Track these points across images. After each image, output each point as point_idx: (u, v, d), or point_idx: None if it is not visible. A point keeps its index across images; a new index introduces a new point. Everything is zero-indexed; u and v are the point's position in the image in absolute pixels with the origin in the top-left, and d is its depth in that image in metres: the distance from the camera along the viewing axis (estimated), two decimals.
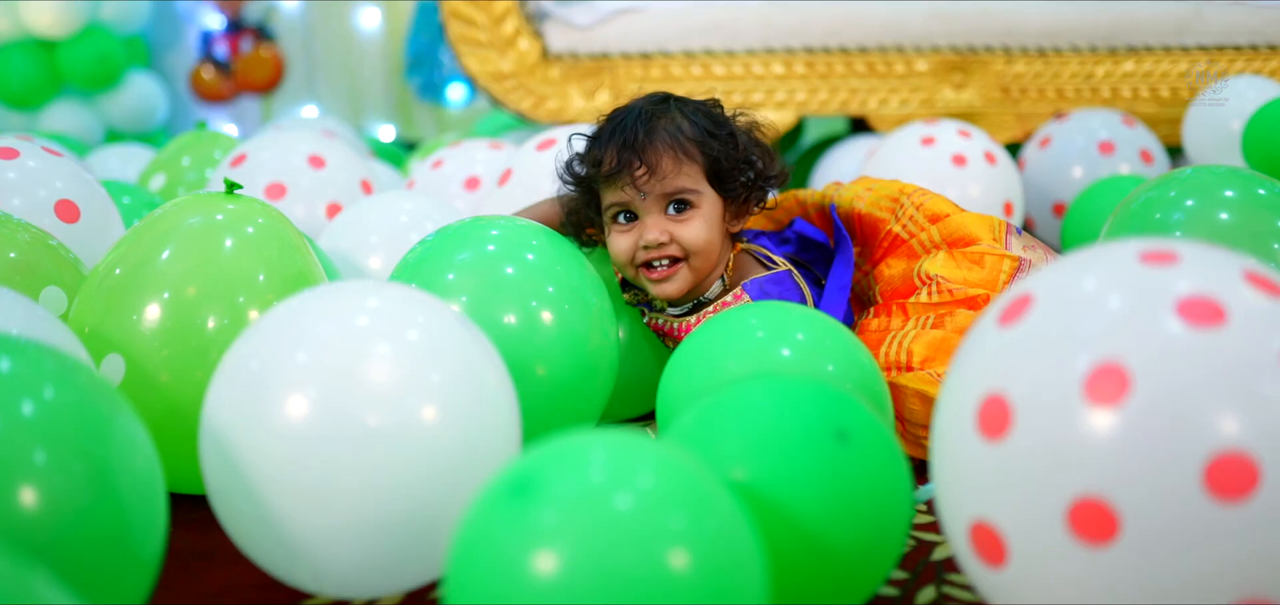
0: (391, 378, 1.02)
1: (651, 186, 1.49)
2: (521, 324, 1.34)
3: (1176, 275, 0.83)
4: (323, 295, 1.10)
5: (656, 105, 1.55)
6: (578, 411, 1.41)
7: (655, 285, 1.54)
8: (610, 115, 1.58)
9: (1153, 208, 1.73)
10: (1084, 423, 0.79)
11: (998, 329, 0.90)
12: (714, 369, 1.26)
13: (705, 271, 1.56)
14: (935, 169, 2.37)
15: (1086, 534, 0.79)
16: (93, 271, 1.41)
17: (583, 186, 1.59)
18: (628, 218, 1.54)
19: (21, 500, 0.86)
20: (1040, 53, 3.03)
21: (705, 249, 1.53)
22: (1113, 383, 0.79)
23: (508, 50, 2.96)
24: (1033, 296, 0.89)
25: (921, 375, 1.44)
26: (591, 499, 0.79)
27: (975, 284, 1.52)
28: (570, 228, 1.66)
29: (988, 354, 0.89)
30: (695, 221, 1.51)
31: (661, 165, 1.49)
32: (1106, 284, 0.85)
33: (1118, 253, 0.88)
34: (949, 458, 0.91)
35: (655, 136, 1.50)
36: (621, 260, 1.55)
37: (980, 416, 0.86)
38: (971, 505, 0.87)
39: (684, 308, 1.61)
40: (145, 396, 1.29)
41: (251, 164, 2.21)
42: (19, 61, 4.17)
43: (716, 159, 1.53)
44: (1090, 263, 0.89)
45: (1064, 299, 0.86)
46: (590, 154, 1.56)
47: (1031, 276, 0.92)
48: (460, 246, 1.40)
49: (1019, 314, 0.88)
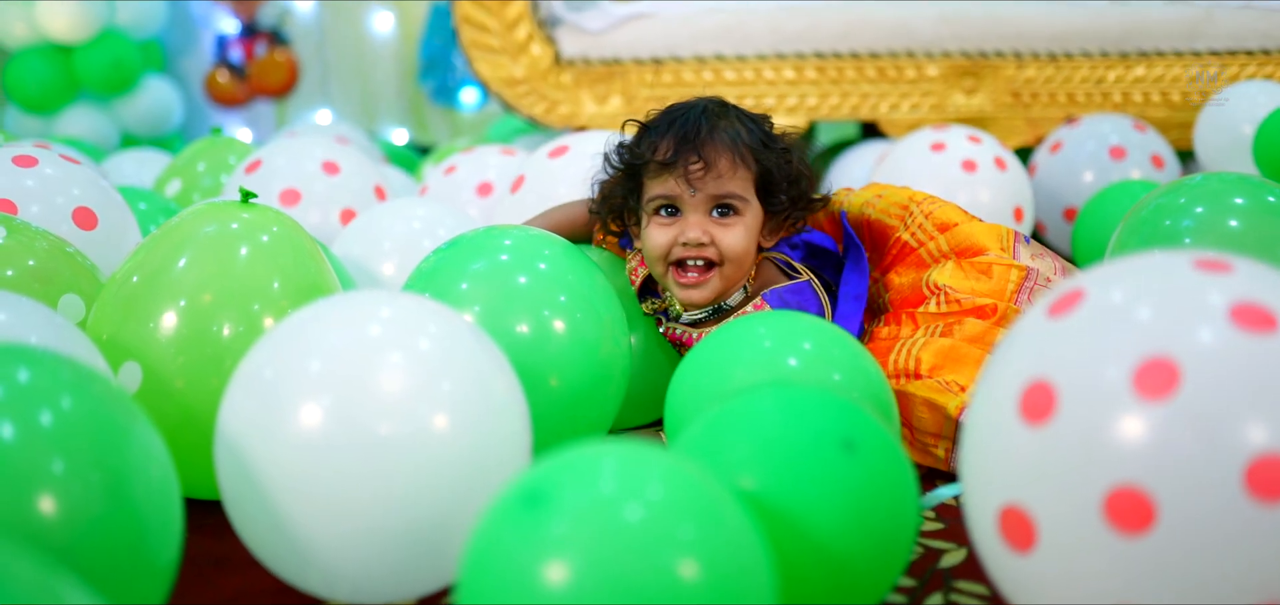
0: (403, 387, 1.03)
1: (704, 184, 1.48)
2: (534, 333, 1.35)
3: (1230, 282, 0.84)
4: (335, 305, 1.11)
5: (718, 106, 1.55)
6: (590, 420, 1.42)
7: (684, 289, 1.53)
8: (669, 108, 1.57)
9: (1163, 214, 1.73)
10: (1130, 413, 0.80)
11: (1047, 319, 0.91)
12: (722, 377, 1.27)
13: (735, 281, 1.56)
14: (945, 175, 2.38)
15: (1121, 523, 0.80)
16: (110, 279, 1.42)
17: (627, 173, 1.57)
18: (669, 212, 1.52)
19: (40, 508, 0.88)
20: (1051, 57, 3.03)
21: (741, 258, 1.52)
22: (1162, 377, 0.80)
23: (520, 56, 2.98)
24: (1084, 291, 0.90)
25: (930, 383, 1.44)
26: (602, 509, 0.80)
27: (983, 294, 1.52)
28: (604, 213, 1.64)
29: (1035, 341, 0.91)
30: (737, 228, 1.51)
31: (718, 164, 1.48)
32: (1161, 284, 0.87)
33: (1171, 259, 0.90)
34: (984, 441, 0.92)
35: (716, 135, 1.49)
36: (655, 255, 1.53)
37: (1023, 401, 0.87)
38: (1004, 489, 0.88)
39: (704, 312, 1.59)
40: (161, 403, 1.30)
41: (266, 170, 2.23)
42: (35, 66, 4.20)
43: (769, 171, 1.52)
44: (1144, 266, 0.90)
45: (1117, 295, 0.88)
46: (645, 141, 1.55)
47: (1083, 274, 0.93)
48: (474, 256, 1.41)
49: (1070, 306, 0.89)
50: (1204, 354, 0.80)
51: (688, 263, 1.52)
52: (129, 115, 4.37)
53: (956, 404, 1.41)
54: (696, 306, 1.56)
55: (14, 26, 4.19)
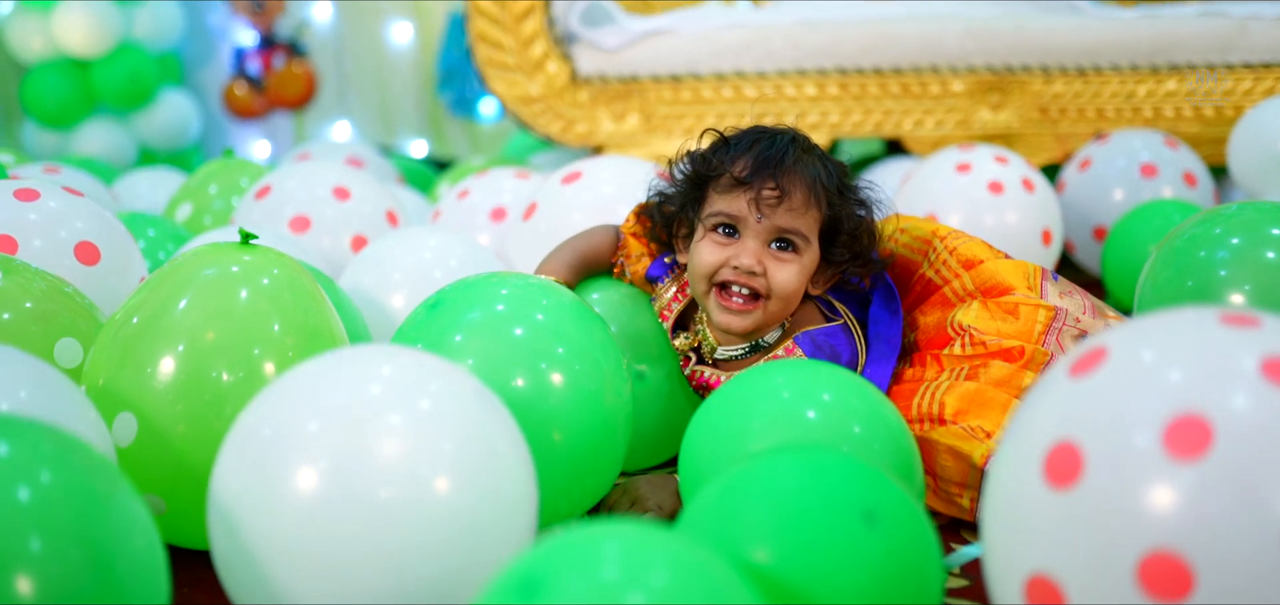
0: (403, 449, 1.00)
1: (774, 213, 1.44)
2: (531, 387, 1.30)
3: (1260, 337, 0.82)
4: (335, 362, 1.09)
5: (805, 140, 1.51)
6: (596, 474, 1.37)
7: (724, 313, 1.48)
8: (754, 127, 1.53)
9: (1197, 244, 1.69)
10: (1161, 475, 0.78)
11: (1069, 379, 0.87)
12: (739, 428, 1.23)
13: (777, 319, 1.51)
14: (971, 197, 2.33)
15: (1157, 590, 0.77)
16: (108, 321, 1.39)
17: (693, 183, 1.52)
18: (727, 232, 1.47)
19: (18, 589, 0.85)
20: (1079, 72, 2.97)
21: (790, 297, 1.48)
22: (1194, 435, 0.78)
23: (536, 73, 2.93)
24: (1107, 350, 0.87)
25: (954, 430, 1.39)
26: (602, 598, 0.76)
27: (1010, 336, 1.46)
28: (654, 218, 1.60)
29: (1058, 402, 0.87)
30: (792, 267, 1.46)
31: (794, 196, 1.44)
32: (1187, 341, 0.84)
33: (1196, 314, 0.87)
34: (1008, 507, 0.88)
35: (799, 167, 1.45)
36: (701, 271, 1.48)
37: (1048, 464, 0.84)
38: (1031, 557, 0.85)
39: (736, 352, 1.54)
40: (158, 452, 1.28)
41: (276, 196, 2.21)
42: (53, 81, 4.19)
43: (838, 219, 1.48)
44: (1168, 322, 0.88)
45: (1143, 352, 0.85)
46: (722, 153, 1.50)
47: (1103, 333, 0.90)
48: (469, 306, 1.36)
49: (1093, 366, 0.86)
50: (1236, 411, 0.78)
51: (733, 287, 1.47)
52: (147, 129, 4.36)
53: (982, 452, 1.36)
54: (733, 334, 1.51)
55: (31, 41, 4.19)
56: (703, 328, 1.56)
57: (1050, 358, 1.44)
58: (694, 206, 1.52)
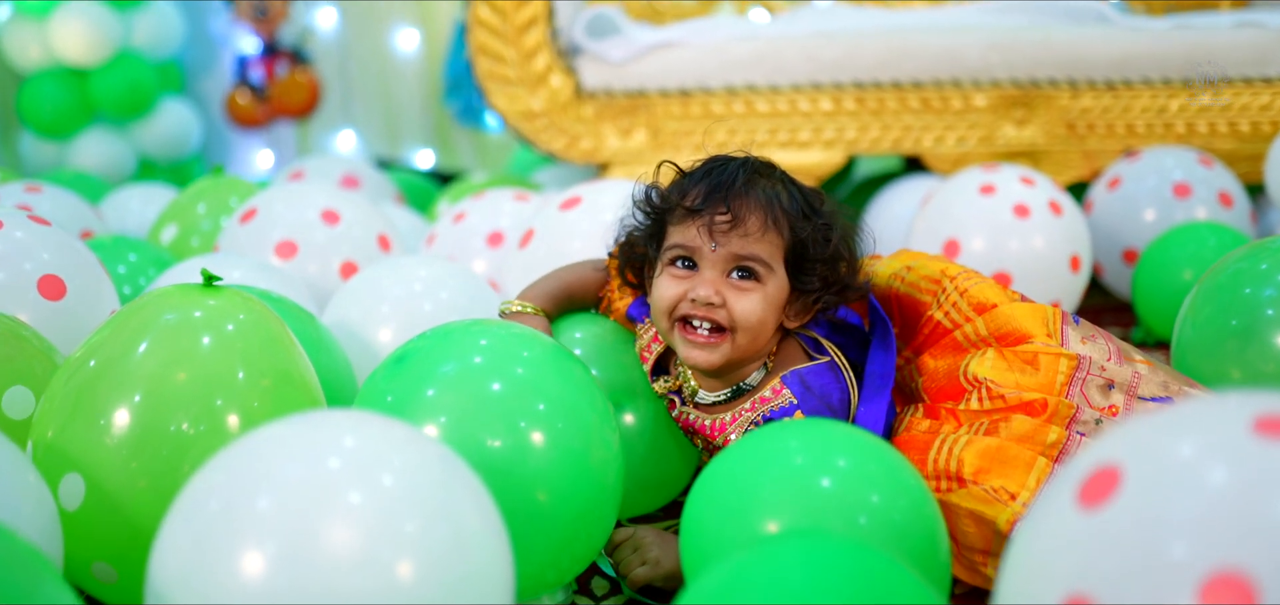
0: (361, 533, 0.91)
1: (727, 240, 1.37)
2: (510, 447, 1.19)
3: None
4: (293, 429, 1.00)
5: (763, 164, 1.45)
6: (585, 537, 1.26)
7: (690, 349, 1.40)
8: (710, 157, 1.47)
9: (1242, 281, 1.60)
10: None
11: (1078, 511, 0.74)
12: (747, 498, 1.11)
13: (748, 353, 1.42)
14: (995, 220, 2.22)
15: None
16: (61, 367, 1.30)
17: (654, 219, 1.47)
18: (686, 265, 1.41)
19: None
20: (1109, 86, 2.85)
21: (755, 329, 1.39)
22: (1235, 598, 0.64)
23: (539, 88, 2.82)
24: (1121, 470, 0.73)
25: (975, 493, 1.27)
26: None
27: (1030, 388, 1.35)
28: (623, 261, 1.54)
29: (1066, 545, 0.74)
30: (753, 296, 1.38)
31: (747, 222, 1.37)
32: (1214, 461, 0.70)
33: (1225, 419, 0.72)
34: None
35: (752, 191, 1.39)
36: (662, 307, 1.42)
37: None
38: None
39: (719, 396, 1.46)
40: (108, 514, 1.20)
41: (262, 219, 2.12)
42: (50, 90, 4.09)
43: (803, 243, 1.40)
44: (1191, 430, 0.73)
45: (1162, 478, 0.71)
46: (677, 185, 1.44)
47: (1114, 438, 0.76)
48: (444, 357, 1.25)
49: (1105, 494, 0.72)
50: None
51: (694, 321, 1.40)
52: (146, 139, 4.26)
53: (1007, 517, 1.24)
54: (703, 370, 1.43)
55: (28, 49, 4.09)
56: (683, 370, 1.49)
57: (1075, 410, 1.33)
58: (654, 243, 1.47)
